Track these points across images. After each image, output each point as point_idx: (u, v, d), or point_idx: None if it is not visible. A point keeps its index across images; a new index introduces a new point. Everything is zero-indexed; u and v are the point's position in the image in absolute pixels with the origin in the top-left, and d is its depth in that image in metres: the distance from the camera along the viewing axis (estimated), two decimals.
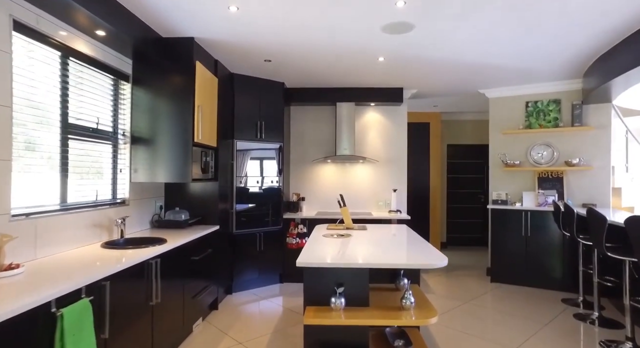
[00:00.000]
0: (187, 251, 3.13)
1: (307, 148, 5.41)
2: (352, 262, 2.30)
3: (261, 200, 4.67)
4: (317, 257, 2.39)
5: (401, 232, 3.52)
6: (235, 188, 4.41)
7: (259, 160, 4.67)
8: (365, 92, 5.12)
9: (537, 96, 4.93)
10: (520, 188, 5.04)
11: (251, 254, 4.54)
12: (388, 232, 3.46)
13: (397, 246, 2.79)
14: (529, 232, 4.68)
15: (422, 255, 2.49)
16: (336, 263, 2.30)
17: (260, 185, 4.68)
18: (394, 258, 2.38)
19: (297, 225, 4.82)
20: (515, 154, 5.08)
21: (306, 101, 5.18)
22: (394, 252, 2.56)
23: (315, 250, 2.60)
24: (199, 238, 3.37)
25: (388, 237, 3.18)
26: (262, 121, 4.63)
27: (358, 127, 5.38)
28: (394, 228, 3.73)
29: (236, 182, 4.43)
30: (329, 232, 3.41)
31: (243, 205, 4.49)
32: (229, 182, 4.36)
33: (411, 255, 2.51)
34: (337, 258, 2.40)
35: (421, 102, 6.10)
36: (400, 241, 3.03)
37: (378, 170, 5.38)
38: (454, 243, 7.29)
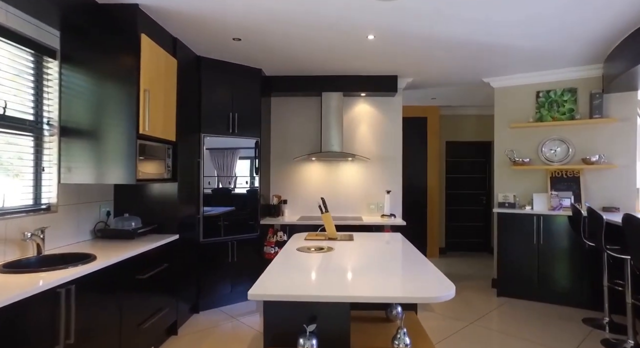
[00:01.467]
0: (129, 268, 2.50)
1: (290, 144, 4.78)
2: (328, 294, 1.67)
3: (235, 204, 4.04)
4: (279, 285, 1.76)
5: (395, 243, 2.90)
6: (202, 191, 3.77)
7: (232, 158, 4.04)
8: (355, 81, 4.50)
9: (549, 85, 4.33)
10: (530, 190, 4.44)
11: (222, 266, 3.91)
12: (379, 244, 2.84)
13: (389, 266, 2.17)
14: (542, 240, 4.08)
15: (422, 282, 1.86)
16: (305, 296, 1.67)
17: (234, 186, 4.05)
18: (385, 288, 1.75)
19: (277, 232, 4.19)
20: (524, 151, 4.48)
21: (288, 91, 4.56)
22: (385, 277, 1.93)
23: (280, 273, 1.97)
24: (150, 250, 2.74)
25: (378, 252, 2.56)
26: (235, 113, 4.00)
27: (347, 120, 4.76)
28: (386, 239, 3.11)
29: (204, 183, 3.79)
30: (306, 244, 2.78)
31: (212, 209, 3.86)
32: (195, 184, 3.73)
33: (408, 282, 1.89)
34: (308, 287, 1.77)
35: (418, 94, 5.49)
36: (394, 258, 2.40)
37: (370, 170, 4.76)
38: (453, 249, 6.69)
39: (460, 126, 6.57)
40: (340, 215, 4.67)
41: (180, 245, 3.33)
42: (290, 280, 1.84)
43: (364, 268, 2.08)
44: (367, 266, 2.14)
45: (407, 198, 6.24)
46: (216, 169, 3.91)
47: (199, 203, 3.75)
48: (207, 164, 3.83)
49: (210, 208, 3.84)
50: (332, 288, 1.73)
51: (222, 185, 3.96)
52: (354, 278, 1.88)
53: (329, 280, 1.86)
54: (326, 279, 1.87)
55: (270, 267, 2.09)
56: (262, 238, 4.21)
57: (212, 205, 3.87)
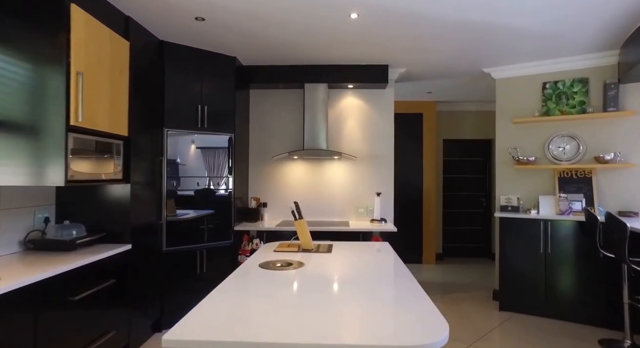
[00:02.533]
0: (58, 288, 2.04)
1: (271, 142, 4.32)
2: (278, 341, 1.21)
3: (204, 208, 3.58)
4: (213, 325, 1.30)
5: (380, 257, 2.43)
6: (165, 193, 3.31)
7: (202, 157, 3.58)
8: (341, 71, 4.04)
9: (557, 75, 3.86)
10: (535, 192, 3.97)
11: (189, 278, 3.44)
12: (361, 259, 2.38)
13: (370, 294, 1.71)
14: (549, 248, 3.62)
15: (410, 321, 1.40)
16: (244, 343, 1.21)
17: (204, 188, 3.59)
18: (362, 335, 1.29)
19: (252, 239, 3.73)
20: (529, 148, 4.02)
21: (268, 82, 4.09)
22: (363, 312, 1.47)
23: (222, 304, 1.50)
24: (90, 264, 2.28)
25: (358, 270, 2.10)
26: (204, 106, 3.53)
27: (333, 115, 4.30)
28: (371, 250, 2.65)
29: (167, 184, 3.33)
30: (273, 258, 2.32)
31: (178, 214, 3.40)
32: (158, 185, 3.26)
33: (393, 322, 1.43)
34: (253, 328, 1.30)
35: (412, 87, 5.03)
36: (378, 280, 1.94)
37: (358, 169, 4.29)
38: (451, 254, 6.22)
39: (459, 123, 6.11)
40: (325, 220, 4.21)
41: (137, 256, 2.87)
42: (232, 316, 1.37)
43: (336, 298, 1.62)
44: (341, 293, 1.67)
45: (401, 201, 5.78)
46: (183, 169, 3.44)
47: (162, 207, 3.29)
48: (171, 163, 3.37)
49: (175, 212, 3.38)
50: (288, 330, 1.26)
51: (190, 187, 3.50)
52: (321, 313, 1.42)
53: (285, 317, 1.39)
54: (282, 316, 1.40)
55: (213, 294, 1.62)
56: (237, 246, 3.75)
57: (179, 209, 3.41)
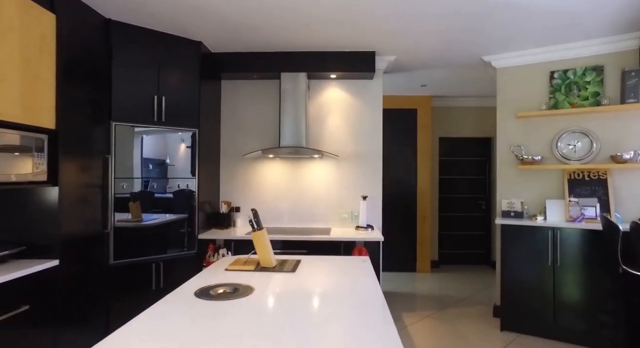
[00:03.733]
0: None
1: (245, 139, 3.83)
2: None
3: (162, 213, 3.09)
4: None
5: (355, 282, 1.94)
6: (112, 197, 2.82)
7: (159, 155, 3.09)
8: (322, 58, 3.54)
9: (567, 62, 3.37)
10: (542, 195, 3.47)
11: (143, 295, 2.93)
12: (329, 283, 1.89)
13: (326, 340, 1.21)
14: (558, 260, 3.12)
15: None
16: None
17: (163, 191, 3.10)
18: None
19: (218, 249, 3.23)
20: (534, 146, 3.52)
21: (240, 71, 3.60)
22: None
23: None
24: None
25: (323, 300, 1.60)
26: (162, 97, 3.04)
27: (313, 109, 3.81)
28: (345, 269, 2.15)
29: (115, 187, 2.84)
30: (219, 281, 1.83)
31: (129, 221, 2.91)
32: (104, 187, 2.77)
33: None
34: None
35: (404, 79, 4.53)
36: (341, 317, 1.44)
37: (342, 170, 3.80)
38: (448, 262, 5.72)
39: (456, 119, 5.60)
40: (304, 227, 3.71)
41: (70, 272, 2.38)
42: None
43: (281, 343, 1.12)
44: (289, 337, 1.18)
45: (394, 204, 5.28)
46: (134, 168, 2.95)
47: (108, 213, 2.80)
48: (119, 162, 2.88)
49: (124, 220, 2.89)
50: None
51: (146, 189, 3.01)
52: None
53: None
54: None
55: (110, 339, 1.14)
56: (202, 256, 3.26)
57: (130, 215, 2.92)
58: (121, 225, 2.86)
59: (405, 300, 4.17)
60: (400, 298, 4.25)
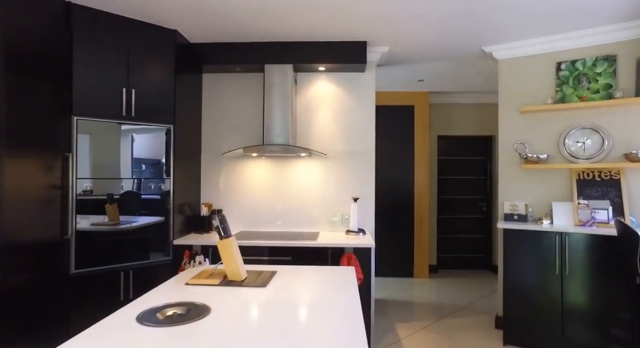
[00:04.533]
0: None
1: (228, 136, 3.54)
2: None
3: (132, 217, 2.81)
4: None
5: (332, 299, 1.65)
6: (74, 199, 2.53)
7: (128, 152, 2.81)
8: (309, 49, 3.26)
9: (575, 52, 3.07)
10: (548, 197, 3.18)
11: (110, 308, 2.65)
12: (303, 299, 1.60)
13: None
14: (567, 268, 2.82)
15: None
16: None
17: (135, 192, 2.82)
18: None
19: (194, 256, 2.94)
20: (539, 144, 3.22)
21: (221, 63, 3.31)
22: None
23: None
24: None
25: (290, 325, 1.31)
26: (132, 90, 2.76)
27: (301, 104, 3.52)
28: (323, 283, 1.86)
29: (76, 188, 2.55)
30: (173, 299, 1.54)
31: (95, 225, 2.63)
32: (64, 188, 2.49)
33: None
34: None
35: (400, 73, 4.24)
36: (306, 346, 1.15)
37: (332, 170, 3.51)
38: (447, 266, 5.42)
39: (456, 117, 5.31)
40: (290, 231, 3.42)
41: (16, 283, 2.10)
42: None
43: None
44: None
45: (389, 206, 4.99)
46: (100, 168, 2.67)
47: (69, 217, 2.51)
48: (83, 160, 2.60)
49: (88, 224, 2.61)
50: None
51: (110, 190, 2.73)
52: None
53: None
54: None
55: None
56: (178, 263, 2.97)
57: (107, 218, 2.64)
58: (87, 230, 2.57)
59: (401, 309, 3.87)
60: (395, 306, 3.96)
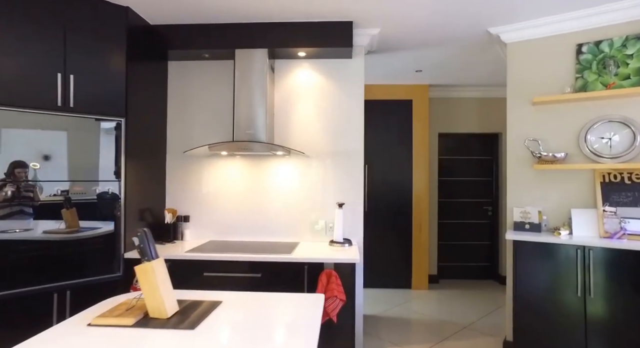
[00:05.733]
0: None
1: (196, 132, 3.07)
2: None
3: (73, 225, 2.35)
4: None
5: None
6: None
7: (64, 149, 2.34)
8: (287, 31, 2.77)
9: (600, 31, 2.56)
10: (565, 203, 2.67)
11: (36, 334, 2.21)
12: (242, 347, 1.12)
13: None
14: (591, 290, 2.30)
15: None
16: None
17: (68, 196, 2.36)
18: None
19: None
20: (556, 141, 2.72)
21: (186, 48, 2.84)
22: None
23: None
24: None
25: None
26: (70, 75, 2.30)
27: (280, 94, 3.04)
28: (277, 320, 1.37)
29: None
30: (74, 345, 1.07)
31: (22, 235, 2.17)
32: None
33: None
34: None
35: (395, 62, 3.74)
36: None
37: (315, 171, 3.02)
38: (449, 276, 4.90)
39: (458, 112, 4.79)
40: (265, 241, 2.94)
41: None
42: None
43: None
44: None
45: (385, 210, 4.50)
46: (28, 169, 2.21)
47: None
48: (5, 159, 2.14)
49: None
50: None
51: (43, 196, 2.27)
52: None
53: None
54: None
55: None
56: (130, 280, 2.51)
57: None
58: (7, 238, 2.12)
59: (395, 328, 3.38)
60: (388, 325, 3.46)
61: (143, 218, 2.78)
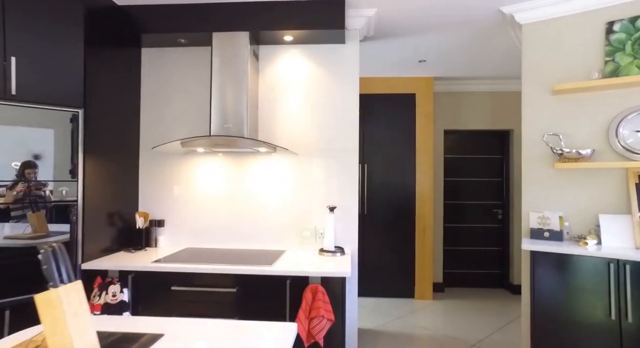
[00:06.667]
0: None
1: (173, 126, 2.72)
2: None
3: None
4: None
5: None
6: None
7: (4, 144, 2.01)
8: (271, 11, 2.41)
9: (636, 5, 2.16)
10: (592, 207, 2.27)
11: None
12: None
13: None
14: (629, 313, 1.91)
15: None
16: None
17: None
18: None
19: (108, 286, 2.12)
20: (580, 135, 2.32)
21: (161, 31, 2.50)
22: None
23: None
24: None
25: None
26: (10, 58, 1.95)
27: (264, 85, 2.67)
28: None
29: None
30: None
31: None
32: None
33: None
34: None
35: (395, 51, 3.36)
36: None
37: (304, 170, 2.66)
38: (455, 284, 4.50)
39: (465, 107, 4.39)
40: (247, 249, 2.58)
41: None
42: None
43: None
44: None
45: (385, 212, 4.12)
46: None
47: None
48: None
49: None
50: None
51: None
52: None
53: None
54: None
55: None
56: (89, 295, 2.16)
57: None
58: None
59: (394, 346, 3.00)
60: (388, 341, 3.08)
61: (112, 223, 2.44)
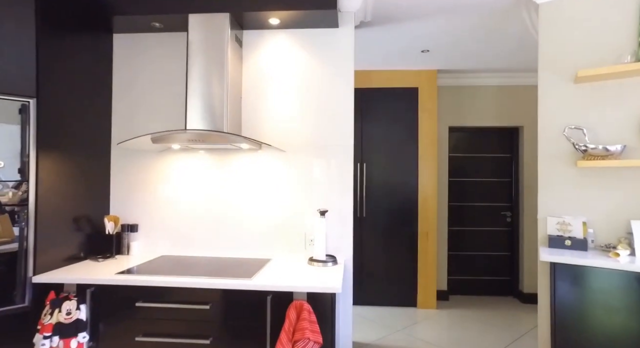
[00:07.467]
0: None
1: (148, 120, 2.43)
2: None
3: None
4: None
5: None
6: None
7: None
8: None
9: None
10: (623, 212, 1.95)
11: None
12: None
13: None
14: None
15: None
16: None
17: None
18: None
19: (61, 303, 1.83)
20: (607, 129, 2.00)
21: (132, 13, 2.20)
22: None
23: None
24: None
25: None
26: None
27: (249, 75, 2.37)
28: None
29: None
30: None
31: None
32: None
33: None
34: None
35: (395, 39, 3.04)
36: None
37: (293, 170, 2.35)
38: (460, 291, 4.17)
39: (472, 103, 4.06)
40: (232, 257, 2.28)
41: None
42: None
43: None
44: None
45: (385, 215, 3.81)
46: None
47: None
48: None
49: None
50: None
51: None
52: None
53: None
54: None
55: None
56: (39, 313, 1.87)
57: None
58: None
59: None
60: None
61: (78, 228, 2.16)
